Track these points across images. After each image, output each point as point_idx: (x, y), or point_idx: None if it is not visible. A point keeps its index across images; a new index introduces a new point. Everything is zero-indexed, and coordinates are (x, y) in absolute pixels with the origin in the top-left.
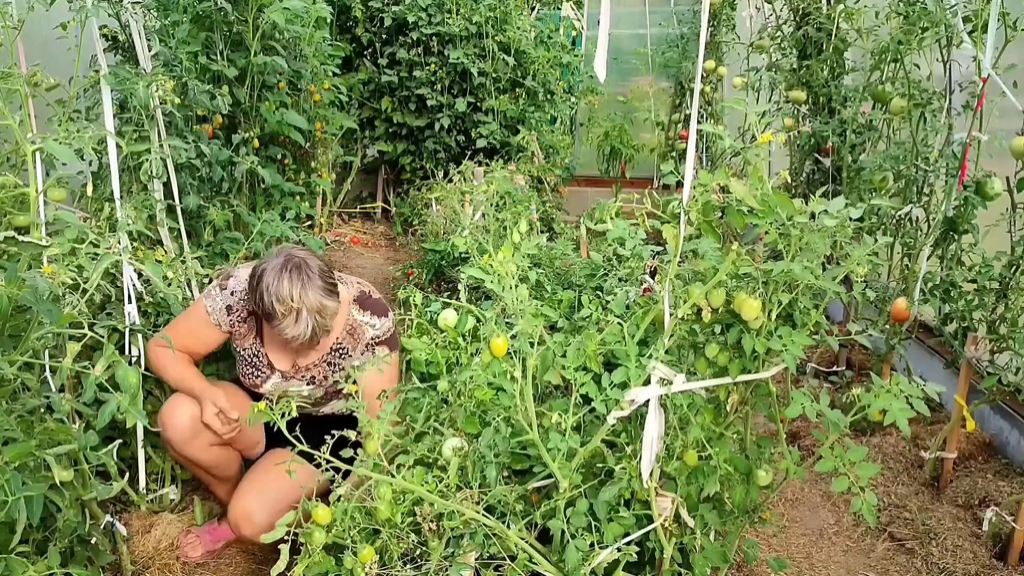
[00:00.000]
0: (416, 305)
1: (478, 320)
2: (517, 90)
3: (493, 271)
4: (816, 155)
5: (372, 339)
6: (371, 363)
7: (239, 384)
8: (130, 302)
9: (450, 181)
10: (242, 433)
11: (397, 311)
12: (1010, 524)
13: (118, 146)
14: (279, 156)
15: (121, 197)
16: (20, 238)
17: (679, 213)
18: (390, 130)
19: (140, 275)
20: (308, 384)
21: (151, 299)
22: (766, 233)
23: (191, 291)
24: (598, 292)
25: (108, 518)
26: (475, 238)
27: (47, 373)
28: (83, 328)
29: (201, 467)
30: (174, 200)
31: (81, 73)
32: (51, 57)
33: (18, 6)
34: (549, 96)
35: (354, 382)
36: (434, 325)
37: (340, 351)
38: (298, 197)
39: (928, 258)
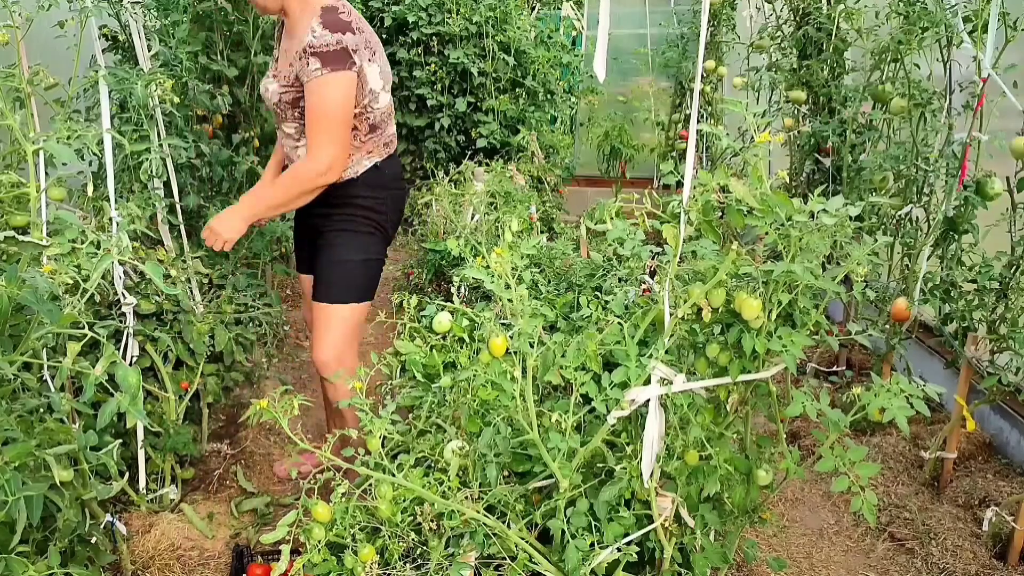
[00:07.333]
0: (409, 307)
1: (471, 321)
2: (517, 90)
3: (492, 271)
4: (816, 155)
5: (307, 46)
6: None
7: None
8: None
9: (451, 181)
10: None
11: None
12: (1010, 524)
13: (119, 145)
14: None
15: (122, 197)
16: (20, 238)
17: (679, 213)
18: None
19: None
20: (275, 81)
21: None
22: (766, 233)
23: (192, 290)
24: (598, 292)
25: (108, 518)
26: (469, 240)
27: (46, 373)
28: (83, 328)
29: None
30: (174, 199)
31: (80, 73)
32: (51, 57)
33: (20, 6)
34: (549, 96)
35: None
36: (429, 329)
37: (298, 53)
38: None
39: (928, 258)
